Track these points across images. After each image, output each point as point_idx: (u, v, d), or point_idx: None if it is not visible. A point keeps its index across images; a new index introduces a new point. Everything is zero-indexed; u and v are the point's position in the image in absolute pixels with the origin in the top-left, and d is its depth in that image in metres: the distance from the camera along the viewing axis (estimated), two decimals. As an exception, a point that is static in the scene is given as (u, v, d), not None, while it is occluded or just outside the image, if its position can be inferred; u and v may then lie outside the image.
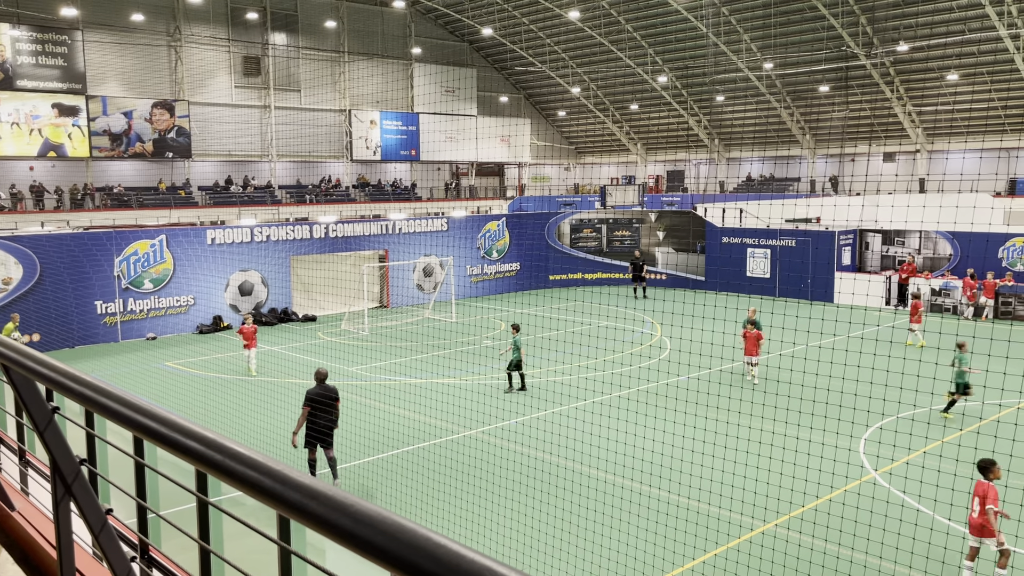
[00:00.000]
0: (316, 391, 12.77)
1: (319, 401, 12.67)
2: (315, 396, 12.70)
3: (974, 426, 14.90)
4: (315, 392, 12.76)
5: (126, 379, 20.28)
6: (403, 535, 1.49)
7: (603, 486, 12.80)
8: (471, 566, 1.38)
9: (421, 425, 16.26)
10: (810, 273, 31.42)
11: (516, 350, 18.37)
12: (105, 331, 25.52)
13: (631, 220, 37.59)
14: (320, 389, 12.80)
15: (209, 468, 1.95)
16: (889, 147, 49.89)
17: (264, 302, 29.08)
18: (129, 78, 44.11)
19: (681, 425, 14.69)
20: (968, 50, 40.87)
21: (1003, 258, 28.91)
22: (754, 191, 52.73)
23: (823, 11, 42.29)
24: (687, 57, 51.47)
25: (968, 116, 45.63)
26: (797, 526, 11.22)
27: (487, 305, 32.50)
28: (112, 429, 3.32)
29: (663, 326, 26.65)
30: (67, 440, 2.88)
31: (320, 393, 12.75)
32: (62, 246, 24.82)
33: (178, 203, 43.76)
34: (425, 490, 12.86)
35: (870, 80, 45.91)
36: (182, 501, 3.17)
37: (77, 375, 2.49)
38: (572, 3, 48.00)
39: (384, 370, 21.55)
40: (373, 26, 53.34)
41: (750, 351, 19.12)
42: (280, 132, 49.61)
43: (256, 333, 21.42)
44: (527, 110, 64.04)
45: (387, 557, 1.48)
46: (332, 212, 43.08)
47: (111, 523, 2.90)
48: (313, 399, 12.67)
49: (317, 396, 12.71)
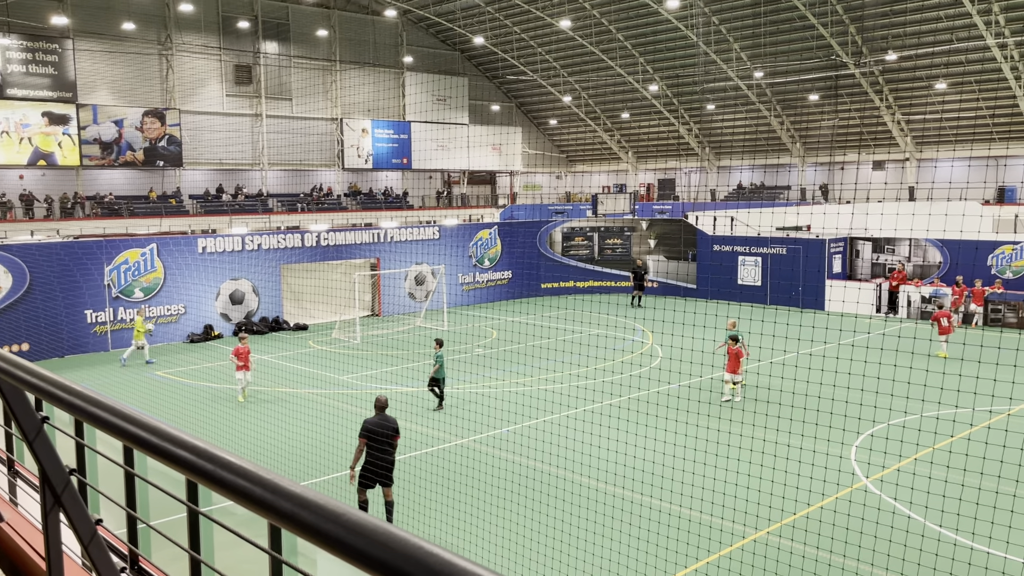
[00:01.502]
0: (375, 421, 11.38)
1: (378, 433, 11.24)
2: (373, 427, 11.28)
3: (964, 433, 14.96)
4: (373, 423, 11.35)
5: (116, 388, 20.17)
6: (394, 544, 1.48)
7: (595, 494, 12.78)
8: (463, 575, 1.38)
9: (412, 434, 16.22)
10: (801, 281, 31.54)
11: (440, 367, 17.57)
12: (95, 340, 25.39)
13: (623, 228, 37.67)
14: (379, 419, 11.41)
15: (200, 478, 1.94)
16: (879, 155, 50.20)
17: (255, 311, 28.99)
18: (120, 87, 44.02)
19: (672, 433, 14.70)
20: (956, 59, 41.23)
21: (992, 265, 29.09)
22: (745, 199, 52.93)
23: (812, 20, 42.60)
24: (678, 66, 51.72)
25: (957, 124, 45.98)
26: (789, 534, 11.22)
27: (479, 313, 32.48)
28: (101, 439, 3.31)
29: (654, 334, 26.69)
30: (56, 450, 2.86)
31: (379, 424, 11.34)
32: (52, 255, 24.70)
33: (169, 212, 43.65)
34: (417, 499, 12.81)
35: (859, 89, 46.23)
36: (172, 511, 3.15)
37: (67, 384, 2.48)
38: (563, 12, 48.19)
39: (376, 379, 21.50)
40: (365, 35, 53.43)
41: (732, 368, 18.14)
42: (271, 141, 49.58)
43: (250, 355, 19.43)
44: (518, 118, 64.19)
45: (378, 566, 1.47)
46: (323, 220, 43.06)
47: (101, 534, 2.88)
48: (371, 431, 11.24)
49: (376, 428, 11.28)
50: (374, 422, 11.37)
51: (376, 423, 11.35)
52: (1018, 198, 44.57)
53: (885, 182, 49.13)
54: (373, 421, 11.39)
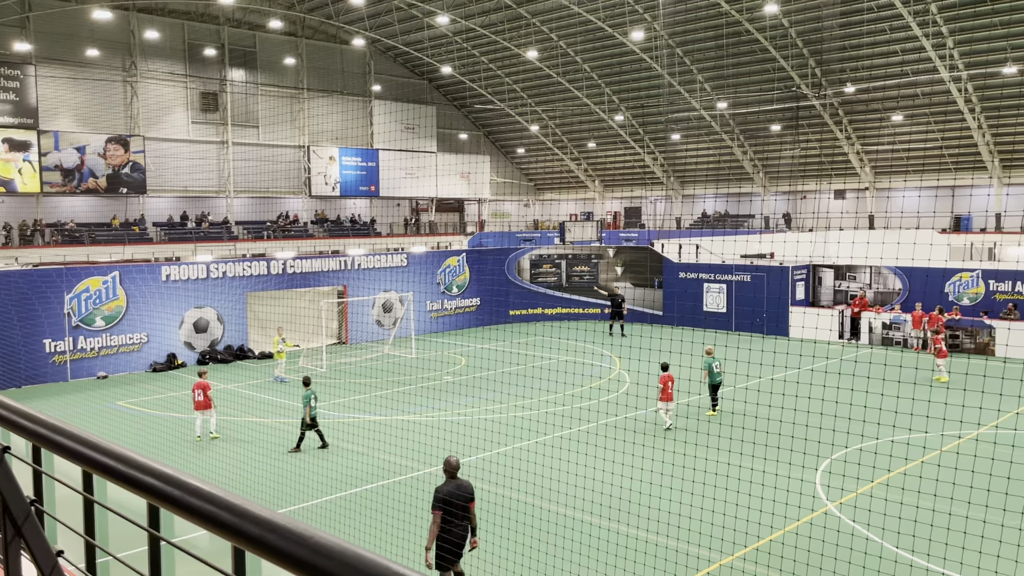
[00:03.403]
0: (448, 490, 9.62)
1: (454, 504, 9.53)
2: (448, 497, 9.52)
3: (925, 457, 15.22)
4: (447, 492, 9.58)
5: (76, 419, 19.74)
6: (363, 566, 1.51)
7: (564, 520, 12.76)
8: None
9: (381, 463, 16.08)
10: (765, 307, 31.98)
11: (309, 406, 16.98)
12: (54, 370, 24.86)
13: (590, 256, 37.95)
14: (452, 487, 9.68)
15: (165, 503, 1.94)
16: (839, 185, 51.31)
17: (219, 339, 28.63)
18: (83, 113, 43.55)
19: (640, 458, 14.75)
20: (911, 92, 42.45)
21: (949, 292, 29.76)
22: (709, 227, 53.67)
23: (773, 53, 43.63)
24: (643, 96, 52.56)
25: (913, 155, 47.20)
26: (754, 557, 11.30)
27: (447, 340, 32.40)
28: (58, 468, 3.27)
29: (622, 359, 26.83)
30: (17, 480, 2.82)
31: (454, 493, 9.61)
32: (10, 283, 24.22)
33: (132, 239, 43.08)
34: (386, 529, 12.68)
35: (820, 120, 47.33)
36: (133, 544, 3.12)
37: (26, 411, 2.47)
38: (530, 43, 48.82)
39: (343, 407, 21.30)
40: (332, 63, 53.58)
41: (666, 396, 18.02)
42: (238, 168, 49.29)
43: (209, 391, 17.98)
44: (487, 147, 64.61)
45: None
46: (290, 248, 42.77)
47: (62, 565, 2.84)
48: (445, 501, 9.49)
49: (451, 497, 9.54)
50: (448, 490, 9.61)
51: (450, 492, 9.59)
52: (973, 227, 45.76)
53: (844, 211, 50.19)
54: (446, 490, 9.62)
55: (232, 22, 48.84)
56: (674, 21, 43.81)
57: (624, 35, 45.57)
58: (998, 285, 29.02)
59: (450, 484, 9.72)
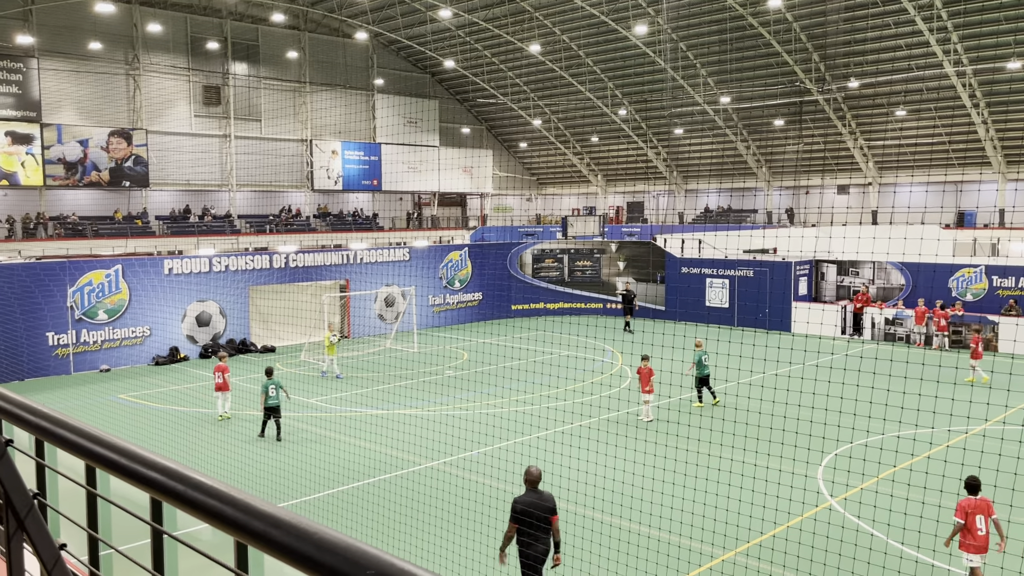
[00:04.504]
0: (527, 501, 9.00)
1: (532, 516, 8.87)
2: (527, 509, 8.90)
3: (927, 452, 15.20)
4: (526, 502, 8.97)
5: (78, 412, 19.77)
6: (366, 561, 1.49)
7: (566, 516, 12.75)
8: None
9: (383, 456, 16.09)
10: (767, 303, 31.93)
11: (268, 396, 17.24)
12: (57, 363, 24.90)
13: (592, 250, 37.91)
14: (532, 498, 9.04)
15: (169, 498, 1.93)
16: (842, 180, 51.17)
17: (222, 333, 28.65)
18: (86, 106, 43.53)
19: (642, 454, 14.75)
20: (915, 87, 42.31)
21: (952, 288, 29.69)
22: (712, 222, 53.59)
23: (777, 47, 43.48)
24: (646, 90, 52.42)
25: (917, 150, 47.07)
26: (757, 553, 11.29)
27: (450, 335, 32.40)
28: (62, 462, 3.26)
29: (624, 355, 26.81)
30: (20, 473, 2.81)
31: (533, 504, 8.96)
32: (13, 276, 24.24)
33: (135, 233, 43.08)
34: (388, 522, 12.69)
35: (823, 115, 47.18)
36: (136, 537, 3.11)
37: (29, 404, 2.46)
38: (533, 37, 48.69)
39: (345, 401, 21.32)
40: (335, 57, 53.48)
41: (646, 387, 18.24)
42: (240, 161, 49.25)
43: (227, 373, 19.14)
44: (489, 141, 64.50)
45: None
46: (292, 242, 42.78)
47: (65, 558, 2.83)
48: (523, 513, 8.89)
49: (530, 509, 8.90)
50: (527, 501, 9.00)
51: (529, 503, 8.97)
52: (977, 222, 45.64)
53: (848, 206, 50.07)
54: (525, 500, 9.01)
55: (235, 15, 48.75)
56: (677, 15, 43.68)
57: (627, 29, 45.43)
58: (1001, 281, 28.95)
59: (530, 495, 9.04)
